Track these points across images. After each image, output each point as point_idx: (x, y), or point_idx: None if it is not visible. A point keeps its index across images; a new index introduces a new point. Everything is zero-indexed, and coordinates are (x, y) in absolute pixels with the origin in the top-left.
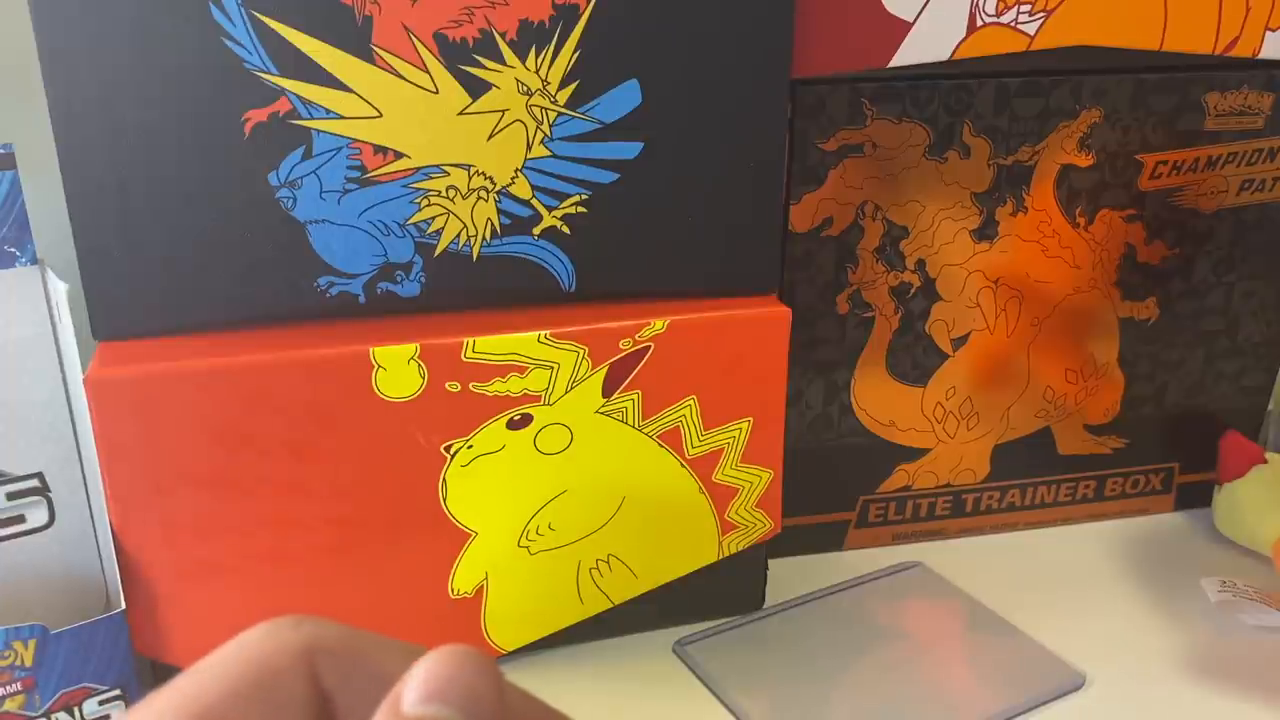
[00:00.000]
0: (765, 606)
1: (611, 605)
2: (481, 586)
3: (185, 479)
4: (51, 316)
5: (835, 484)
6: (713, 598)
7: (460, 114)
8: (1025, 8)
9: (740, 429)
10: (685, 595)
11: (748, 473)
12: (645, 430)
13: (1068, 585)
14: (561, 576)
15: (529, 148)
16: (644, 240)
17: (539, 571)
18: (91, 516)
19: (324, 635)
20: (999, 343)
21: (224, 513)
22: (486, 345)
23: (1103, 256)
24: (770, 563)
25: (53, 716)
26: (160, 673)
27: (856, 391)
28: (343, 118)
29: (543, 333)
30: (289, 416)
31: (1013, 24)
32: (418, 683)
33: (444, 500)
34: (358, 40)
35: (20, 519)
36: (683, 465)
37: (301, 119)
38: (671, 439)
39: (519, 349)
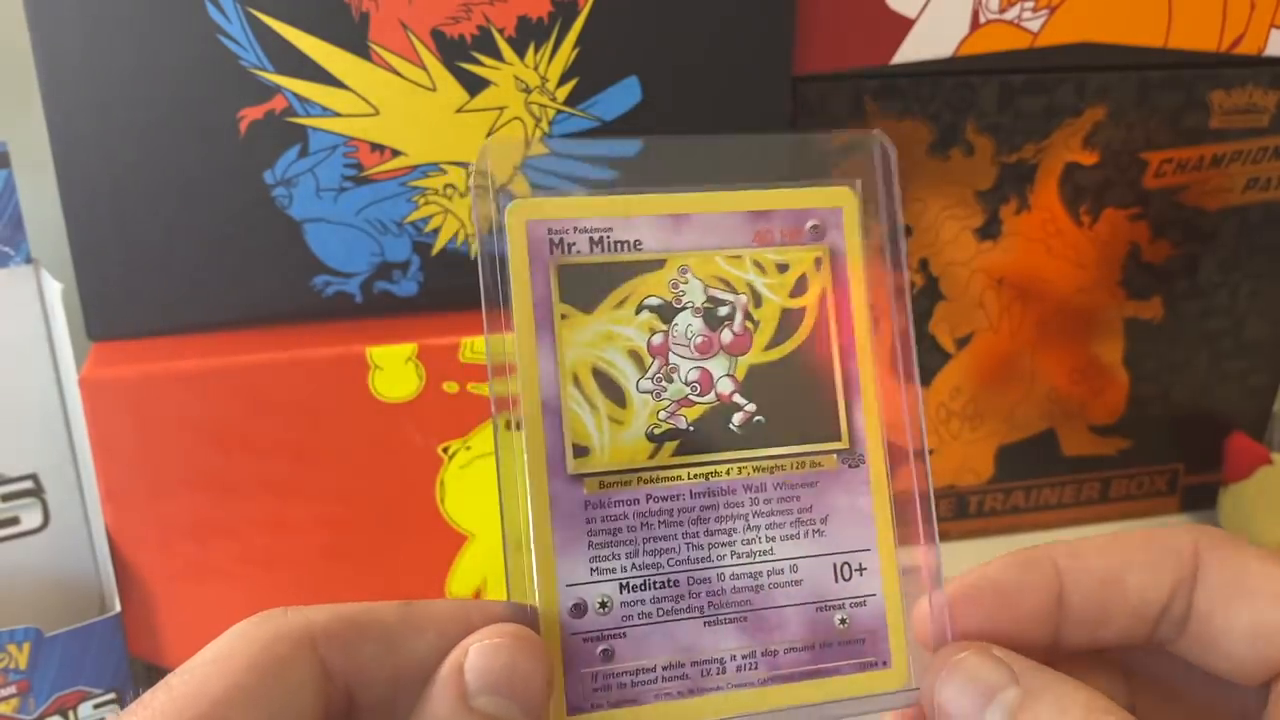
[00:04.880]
0: None
1: None
2: (479, 590)
3: (180, 480)
4: (46, 316)
5: None
6: None
7: (458, 111)
8: (1029, 4)
9: None
10: None
11: None
12: None
13: None
14: None
15: (528, 145)
16: None
17: None
18: (86, 518)
19: (316, 617)
20: (1003, 342)
21: (219, 514)
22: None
23: (1107, 255)
24: None
25: None
26: (155, 676)
27: None
28: (339, 115)
29: None
30: (285, 417)
31: (1016, 21)
32: (477, 668)
33: (441, 502)
34: (355, 37)
35: (15, 521)
36: None
37: (298, 116)
38: None
39: None
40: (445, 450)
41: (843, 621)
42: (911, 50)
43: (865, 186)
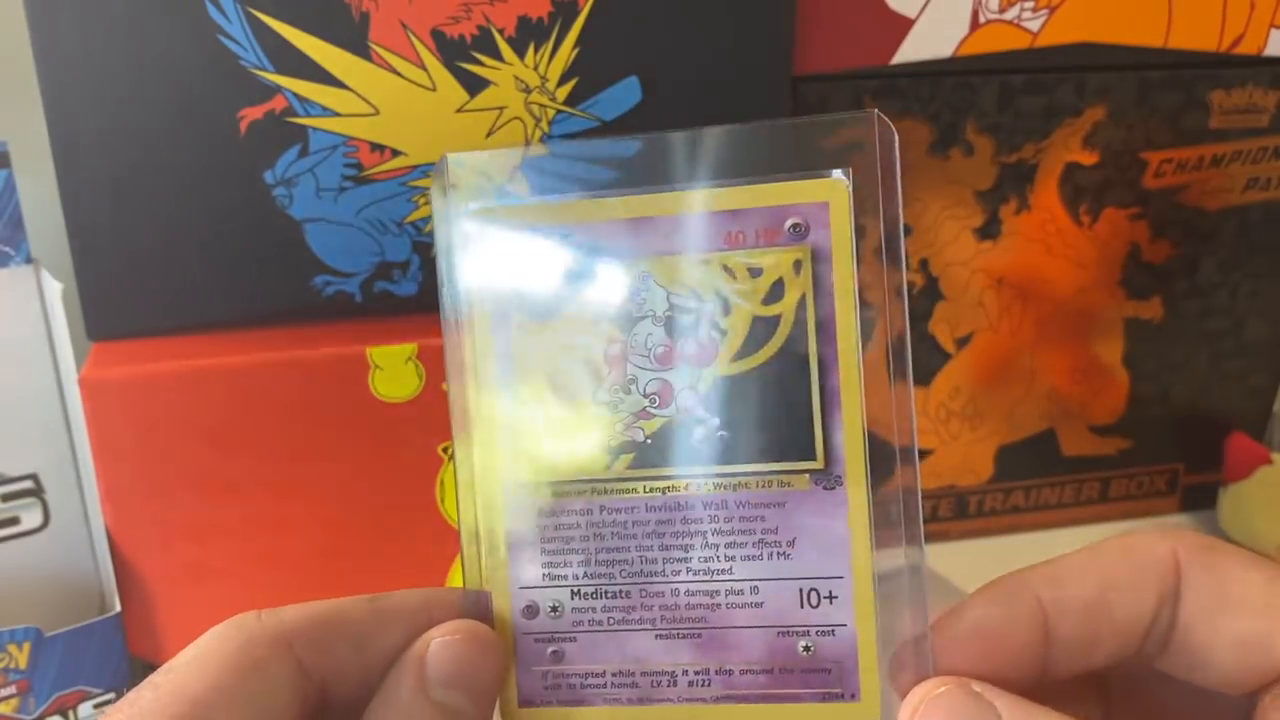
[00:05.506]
0: None
1: None
2: None
3: (180, 480)
4: (46, 316)
5: None
6: None
7: (458, 111)
8: (1028, 4)
9: None
10: None
11: None
12: None
13: None
14: None
15: (527, 146)
16: None
17: None
18: (86, 518)
19: (290, 618)
20: (1003, 342)
21: (219, 514)
22: None
23: (1107, 255)
24: None
25: None
26: None
27: None
28: (339, 115)
29: None
30: (284, 417)
31: (1016, 21)
32: (437, 663)
33: (441, 502)
34: (355, 37)
35: (15, 520)
36: None
37: (298, 116)
38: None
39: None
40: (445, 450)
41: (806, 649)
42: (911, 50)
43: (860, 175)
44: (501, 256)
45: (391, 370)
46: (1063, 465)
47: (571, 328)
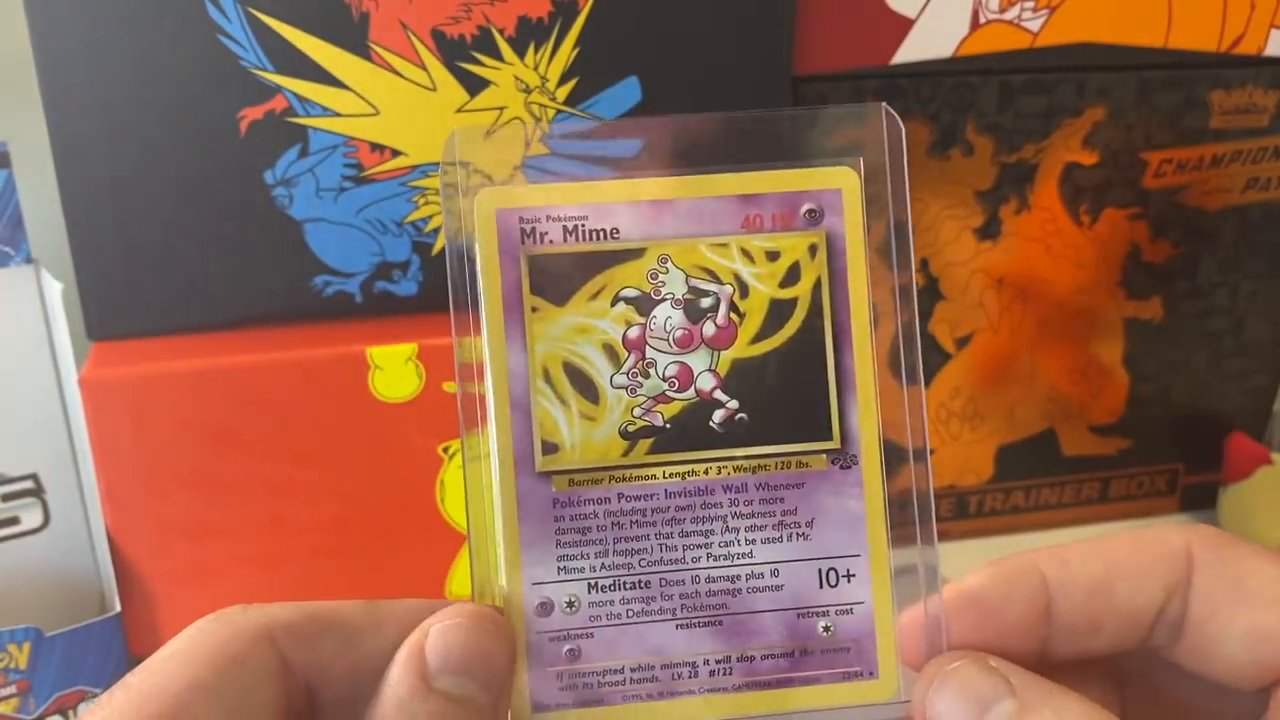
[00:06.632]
0: None
1: None
2: None
3: (180, 480)
4: (46, 316)
5: None
6: None
7: (458, 111)
8: (1029, 4)
9: None
10: None
11: None
12: None
13: None
14: None
15: (527, 145)
16: None
17: None
18: (86, 518)
19: (276, 613)
20: (1003, 342)
21: (219, 514)
22: None
23: (1107, 255)
24: None
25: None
26: None
27: None
28: (340, 115)
29: None
30: (285, 417)
31: (1016, 21)
32: (439, 649)
33: (441, 502)
34: (355, 37)
35: (15, 520)
36: None
37: (298, 116)
38: None
39: None
40: (445, 450)
41: (826, 629)
42: (911, 50)
43: (869, 165)
44: (515, 236)
45: (391, 370)
46: (1063, 465)
47: (588, 311)
